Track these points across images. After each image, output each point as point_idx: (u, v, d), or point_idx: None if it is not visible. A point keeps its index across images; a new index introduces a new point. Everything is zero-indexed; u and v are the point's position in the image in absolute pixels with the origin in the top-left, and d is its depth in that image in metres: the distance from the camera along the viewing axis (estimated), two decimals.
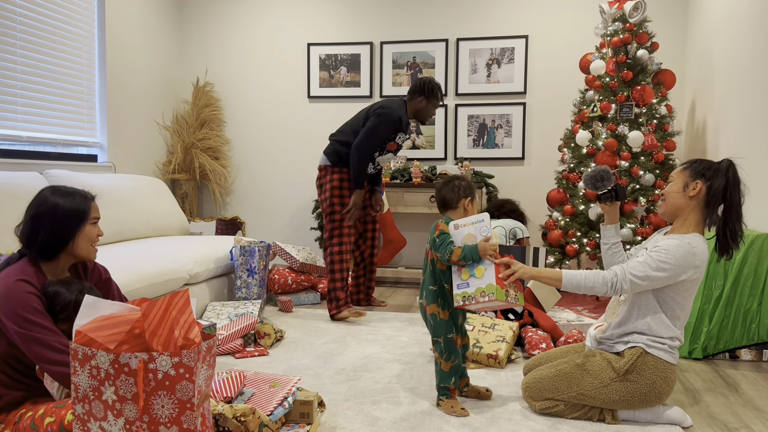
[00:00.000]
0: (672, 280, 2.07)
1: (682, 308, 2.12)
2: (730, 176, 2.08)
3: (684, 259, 2.05)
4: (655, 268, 2.05)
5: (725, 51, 3.90)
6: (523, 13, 4.98)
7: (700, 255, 2.06)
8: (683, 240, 2.07)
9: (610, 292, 2.11)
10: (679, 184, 2.15)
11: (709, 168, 2.11)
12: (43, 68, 3.92)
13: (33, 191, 3.12)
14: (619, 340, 2.17)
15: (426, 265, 2.33)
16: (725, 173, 2.08)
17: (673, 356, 2.11)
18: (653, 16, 4.73)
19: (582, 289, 2.14)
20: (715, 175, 2.09)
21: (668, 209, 2.18)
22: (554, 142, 4.95)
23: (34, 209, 1.83)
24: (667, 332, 2.10)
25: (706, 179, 2.10)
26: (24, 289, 1.70)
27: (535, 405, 2.23)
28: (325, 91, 5.33)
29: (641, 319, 2.13)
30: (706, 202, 2.11)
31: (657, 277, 2.05)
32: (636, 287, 2.09)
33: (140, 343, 1.42)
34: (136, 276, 2.91)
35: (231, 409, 1.77)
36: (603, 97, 4.09)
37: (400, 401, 2.35)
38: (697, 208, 2.13)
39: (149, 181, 4.35)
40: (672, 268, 2.04)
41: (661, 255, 2.06)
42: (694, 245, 2.06)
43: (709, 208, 2.11)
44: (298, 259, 4.24)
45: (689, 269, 2.06)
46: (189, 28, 5.56)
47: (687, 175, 2.14)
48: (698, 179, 2.11)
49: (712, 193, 2.08)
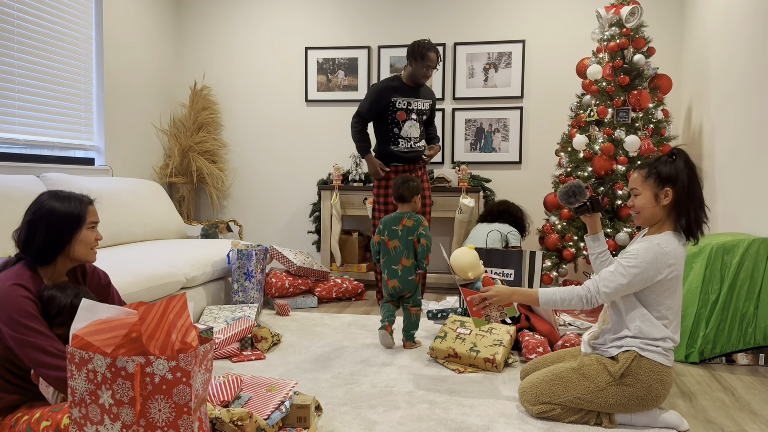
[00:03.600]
0: (647, 282, 2.09)
1: (667, 308, 2.13)
2: (689, 170, 2.12)
3: (655, 260, 2.07)
4: (625, 274, 2.09)
5: (721, 56, 3.92)
6: (521, 18, 5.00)
7: (672, 253, 2.09)
8: (652, 242, 2.10)
9: (587, 307, 2.15)
10: (649, 196, 2.17)
11: (671, 171, 2.14)
12: (41, 71, 3.92)
13: (30, 194, 3.12)
14: (613, 345, 2.17)
15: (402, 249, 3.09)
16: (685, 170, 2.12)
17: (668, 358, 2.12)
18: (649, 21, 4.75)
19: (559, 306, 2.18)
20: (678, 176, 2.12)
21: (645, 221, 2.21)
22: (551, 147, 4.97)
23: (30, 214, 1.83)
24: (659, 333, 2.11)
25: (673, 183, 2.13)
26: (19, 294, 1.70)
27: (532, 409, 2.23)
28: (323, 94, 5.34)
29: (631, 323, 2.14)
30: (678, 203, 2.13)
31: (628, 283, 2.09)
32: (611, 297, 2.12)
33: (137, 347, 1.41)
34: (133, 279, 2.91)
35: (228, 413, 1.76)
36: (600, 101, 4.11)
37: (398, 405, 2.35)
38: (671, 211, 2.16)
39: (146, 184, 4.34)
40: (642, 271, 2.07)
41: (630, 261, 2.09)
42: (664, 245, 2.09)
43: (682, 207, 2.13)
44: (296, 263, 4.23)
45: (663, 268, 2.08)
46: (186, 31, 5.57)
47: (653, 185, 2.16)
48: (666, 186, 2.13)
49: (680, 194, 2.12)
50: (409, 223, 3.09)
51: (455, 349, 2.86)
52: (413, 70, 3.98)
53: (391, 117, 4.02)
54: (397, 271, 3.12)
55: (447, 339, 2.93)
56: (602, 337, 2.23)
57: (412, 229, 3.09)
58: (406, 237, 3.10)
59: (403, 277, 3.12)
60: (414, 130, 4.07)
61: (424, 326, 3.62)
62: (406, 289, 3.14)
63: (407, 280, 3.12)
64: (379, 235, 3.20)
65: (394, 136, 4.05)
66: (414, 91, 4.07)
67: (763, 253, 2.98)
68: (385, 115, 4.03)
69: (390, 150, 4.06)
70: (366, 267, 4.93)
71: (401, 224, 3.11)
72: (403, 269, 3.11)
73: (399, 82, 4.05)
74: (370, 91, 4.03)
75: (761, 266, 2.98)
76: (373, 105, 4.00)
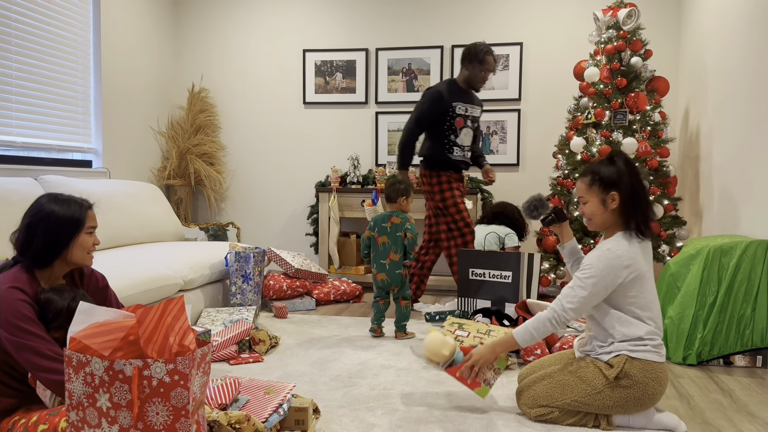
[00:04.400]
0: (609, 288, 2.11)
1: (640, 306, 2.14)
2: (630, 171, 2.16)
3: (609, 266, 2.09)
4: (584, 286, 2.11)
5: (718, 58, 3.93)
6: (518, 21, 5.01)
7: (624, 254, 2.10)
8: (602, 248, 2.14)
9: (560, 327, 2.15)
10: (596, 202, 2.19)
11: (613, 174, 2.16)
12: (38, 73, 3.92)
13: (28, 197, 3.11)
14: (602, 352, 2.18)
15: (391, 245, 3.32)
16: (627, 171, 2.15)
17: (659, 354, 2.13)
18: (646, 23, 4.76)
19: (537, 338, 2.18)
20: (621, 179, 2.15)
21: (598, 227, 2.23)
22: (549, 149, 4.97)
23: (29, 217, 1.82)
24: (642, 331, 2.12)
25: (617, 186, 2.15)
26: (16, 297, 1.70)
27: (530, 412, 2.23)
28: (321, 97, 5.34)
29: (612, 329, 2.16)
30: (625, 206, 2.15)
31: (589, 294, 2.11)
32: (579, 311, 2.13)
33: (135, 350, 1.41)
34: (131, 282, 2.90)
35: (226, 416, 1.76)
36: (597, 104, 4.12)
37: (396, 408, 2.34)
38: (620, 214, 2.18)
39: (144, 186, 4.34)
40: (599, 279, 2.09)
41: (585, 272, 2.13)
42: (614, 249, 2.11)
43: (629, 209, 2.15)
44: (294, 265, 4.23)
45: (620, 271, 2.10)
46: (184, 33, 5.57)
47: (598, 191, 2.18)
48: (611, 190, 2.16)
49: (626, 196, 2.14)
50: (397, 220, 3.34)
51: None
52: (469, 75, 3.78)
53: (449, 123, 3.78)
54: (385, 265, 3.34)
55: None
56: (590, 344, 2.25)
57: (400, 225, 3.33)
58: (394, 233, 3.34)
59: (391, 271, 3.33)
60: (468, 138, 3.88)
61: (422, 329, 3.62)
62: (393, 283, 3.35)
63: (394, 273, 3.33)
64: (370, 231, 3.41)
65: (450, 143, 3.82)
66: (469, 97, 3.86)
67: (761, 255, 2.99)
68: (442, 120, 3.79)
69: (445, 157, 3.83)
70: (364, 269, 4.93)
71: (390, 222, 3.35)
72: (391, 263, 3.33)
73: (457, 87, 3.83)
74: (429, 95, 3.78)
75: (759, 268, 2.98)
76: (432, 109, 3.75)
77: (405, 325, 3.40)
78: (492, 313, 3.37)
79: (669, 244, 4.04)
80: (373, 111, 5.28)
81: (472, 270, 3.69)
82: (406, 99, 5.18)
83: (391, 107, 5.24)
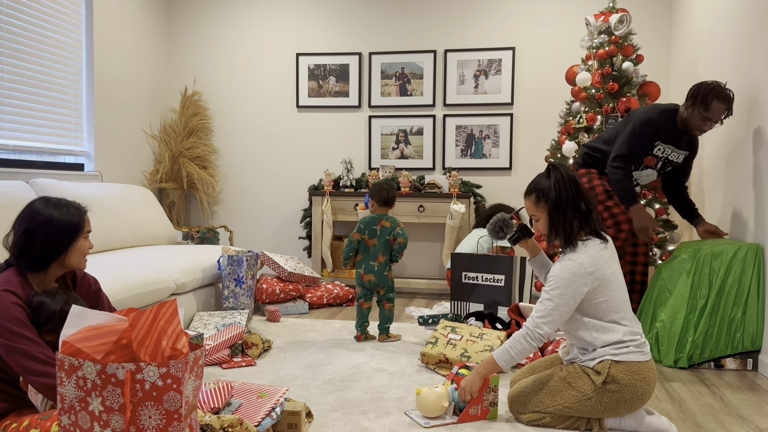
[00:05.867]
0: (578, 297, 2.13)
1: (613, 309, 2.16)
2: (560, 182, 2.19)
3: (572, 274, 2.12)
4: (551, 298, 2.13)
5: (709, 63, 3.96)
6: (511, 26, 5.04)
7: (585, 262, 2.13)
8: (563, 259, 2.17)
9: (536, 343, 2.15)
10: (546, 218, 2.24)
11: (547, 188, 2.21)
12: (30, 76, 3.90)
13: (19, 200, 3.10)
14: (586, 359, 2.19)
15: (380, 247, 3.39)
16: (554, 183, 2.19)
17: (643, 353, 2.14)
18: (638, 29, 4.79)
19: (517, 357, 2.18)
20: (548, 192, 2.20)
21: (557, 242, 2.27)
22: (541, 153, 4.99)
23: (26, 222, 1.81)
24: (620, 333, 2.14)
25: (549, 198, 2.20)
26: (8, 300, 1.69)
27: (522, 418, 2.24)
28: (314, 100, 5.35)
29: (590, 337, 2.17)
30: (551, 217, 2.21)
31: (557, 305, 2.12)
32: (552, 325, 2.14)
33: (127, 354, 1.41)
34: (123, 285, 2.89)
35: (218, 420, 1.76)
36: (589, 108, 4.14)
37: (389, 411, 2.35)
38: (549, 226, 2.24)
39: (136, 190, 4.33)
40: (565, 289, 2.11)
41: (550, 284, 2.15)
42: (575, 257, 2.14)
43: (556, 221, 2.20)
44: (287, 269, 4.23)
45: (585, 278, 2.12)
46: (177, 36, 5.56)
47: (544, 207, 2.23)
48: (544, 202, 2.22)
49: (551, 207, 2.20)
50: (387, 224, 3.43)
51: (446, 354, 2.87)
52: (687, 116, 3.19)
53: (639, 159, 3.36)
54: (374, 266, 3.42)
55: (438, 345, 2.94)
56: (572, 353, 2.26)
57: (390, 229, 3.42)
58: (384, 237, 3.42)
59: (379, 273, 3.42)
60: (650, 178, 3.47)
61: (415, 332, 3.62)
62: (380, 284, 3.43)
63: (382, 275, 3.42)
64: (359, 233, 3.46)
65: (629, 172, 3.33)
66: (678, 139, 3.32)
67: (751, 258, 3.01)
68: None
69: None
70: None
71: (380, 225, 3.43)
72: (379, 265, 3.42)
73: (672, 124, 3.28)
74: (640, 126, 3.25)
75: (749, 272, 3.01)
76: (641, 143, 3.27)
77: (388, 327, 3.47)
78: (485, 316, 3.38)
79: (660, 248, 4.07)
80: (367, 115, 5.29)
81: (464, 273, 3.70)
82: (399, 103, 5.19)
83: (384, 111, 5.25)
